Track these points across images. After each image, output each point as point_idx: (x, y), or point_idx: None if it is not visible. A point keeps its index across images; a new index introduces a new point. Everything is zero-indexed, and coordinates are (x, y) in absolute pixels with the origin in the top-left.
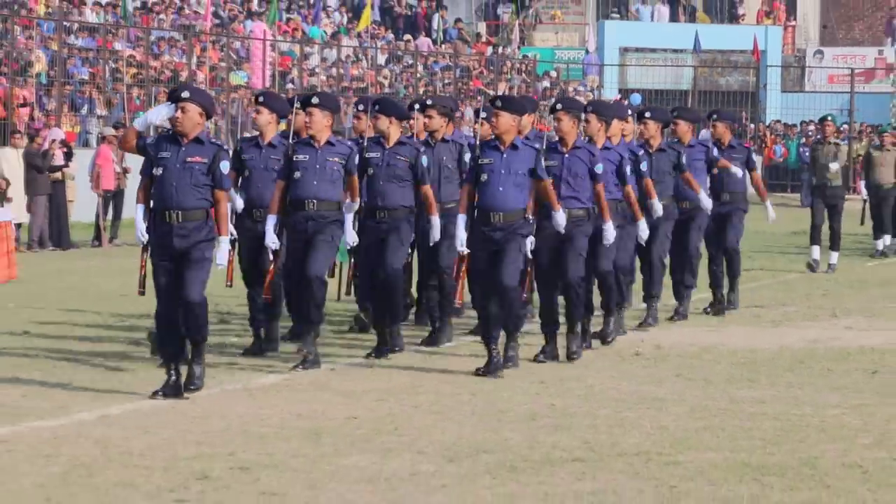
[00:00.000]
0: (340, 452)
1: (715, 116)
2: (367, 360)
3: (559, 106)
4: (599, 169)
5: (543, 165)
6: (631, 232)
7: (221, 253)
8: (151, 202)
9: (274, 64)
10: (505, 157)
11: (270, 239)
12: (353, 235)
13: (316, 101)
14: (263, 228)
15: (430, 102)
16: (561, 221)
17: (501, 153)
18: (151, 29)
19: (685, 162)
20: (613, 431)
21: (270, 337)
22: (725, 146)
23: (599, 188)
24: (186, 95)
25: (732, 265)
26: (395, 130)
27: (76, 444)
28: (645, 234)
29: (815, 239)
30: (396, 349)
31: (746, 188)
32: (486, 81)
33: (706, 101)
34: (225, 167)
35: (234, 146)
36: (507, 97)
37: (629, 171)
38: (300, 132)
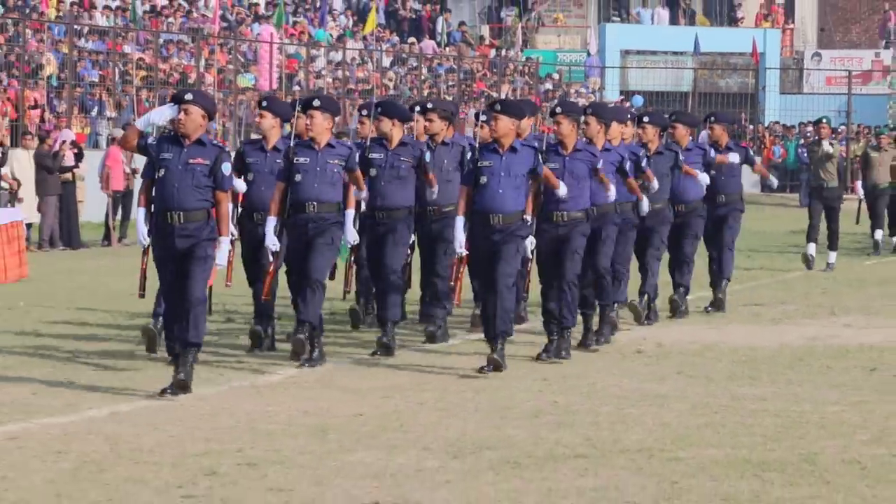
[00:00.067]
0: (346, 449)
1: (713, 119)
2: (372, 357)
3: (559, 109)
4: (600, 164)
5: (542, 162)
6: (629, 237)
7: (221, 253)
8: (153, 205)
9: (281, 66)
10: (504, 159)
11: (270, 241)
12: (353, 234)
13: (317, 103)
14: (262, 231)
15: (430, 106)
16: (563, 192)
17: (500, 156)
18: (160, 32)
19: (682, 162)
20: (616, 428)
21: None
22: (723, 148)
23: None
24: (189, 97)
25: (724, 265)
26: (397, 132)
27: (86, 440)
28: (646, 209)
29: (811, 237)
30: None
31: (742, 189)
32: (489, 84)
33: (706, 102)
34: (226, 169)
35: (238, 148)
36: (506, 101)
37: (629, 167)
38: (302, 135)
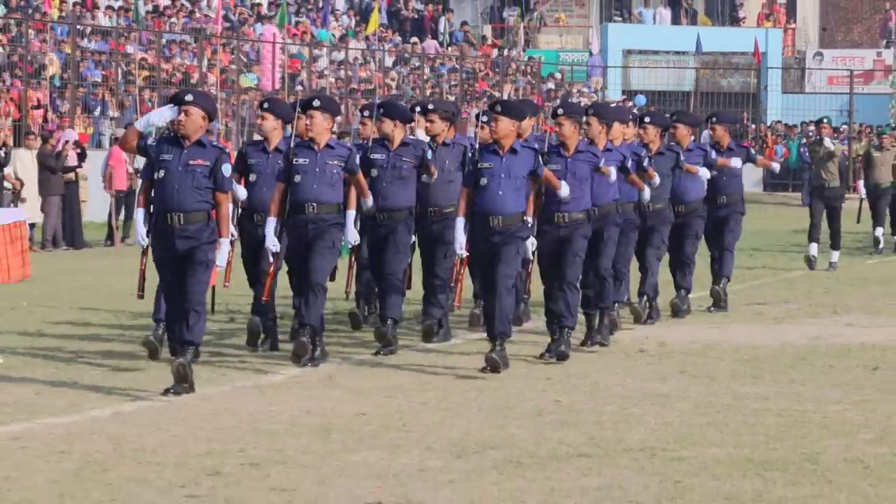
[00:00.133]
0: (349, 448)
1: (714, 119)
2: (374, 356)
3: (560, 111)
4: (602, 162)
5: (542, 164)
6: (631, 237)
7: (221, 254)
8: (152, 206)
9: (283, 66)
10: (504, 161)
11: (271, 241)
12: (354, 234)
13: (316, 103)
14: (262, 232)
15: (431, 107)
16: (566, 193)
17: (500, 157)
18: (163, 32)
19: (683, 163)
20: (619, 427)
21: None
22: (725, 149)
23: (605, 170)
24: (190, 99)
25: (724, 266)
26: (399, 133)
27: (89, 440)
28: (648, 196)
29: (813, 237)
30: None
31: (743, 190)
32: (491, 83)
33: (708, 102)
34: (227, 170)
35: (239, 148)
36: (506, 102)
37: (631, 166)
38: (303, 136)
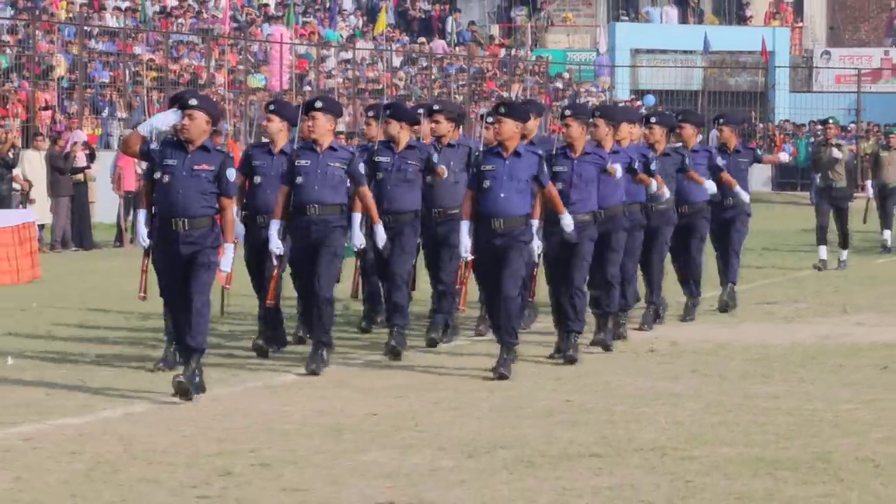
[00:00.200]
0: (361, 448)
1: (722, 120)
2: (385, 357)
3: (568, 112)
4: (609, 165)
5: (546, 172)
6: (637, 237)
7: (226, 260)
8: (156, 210)
9: (292, 67)
10: (507, 163)
11: (274, 244)
12: (360, 238)
13: (319, 105)
14: (265, 234)
15: (437, 107)
16: (569, 224)
17: (504, 160)
18: (170, 33)
19: (689, 164)
20: (630, 427)
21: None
22: (732, 150)
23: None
24: (194, 103)
25: (729, 270)
26: (405, 135)
27: (100, 441)
28: (655, 189)
29: (821, 240)
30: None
31: (749, 191)
32: (499, 83)
33: (716, 101)
34: (231, 175)
35: (244, 151)
36: (510, 103)
37: (639, 167)
38: (306, 137)
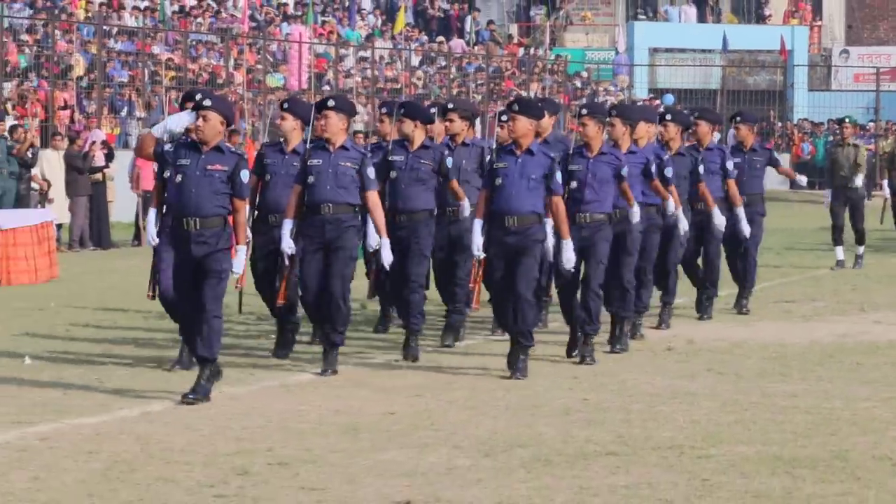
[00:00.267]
0: (378, 447)
1: (738, 118)
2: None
3: (584, 111)
4: (625, 172)
5: (558, 178)
6: (654, 238)
7: (238, 261)
8: (168, 210)
9: (310, 66)
10: (520, 161)
11: (286, 244)
12: (376, 238)
13: (331, 104)
14: (278, 233)
15: (451, 106)
16: (569, 255)
17: (516, 157)
18: (189, 32)
19: (702, 168)
20: (647, 425)
21: (284, 342)
22: (748, 149)
23: (625, 186)
24: (208, 104)
25: (748, 275)
26: (419, 134)
27: (117, 440)
28: (681, 224)
29: (837, 240)
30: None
31: (764, 191)
32: (518, 82)
33: (735, 100)
34: (245, 176)
35: (258, 150)
36: (524, 101)
37: (655, 170)
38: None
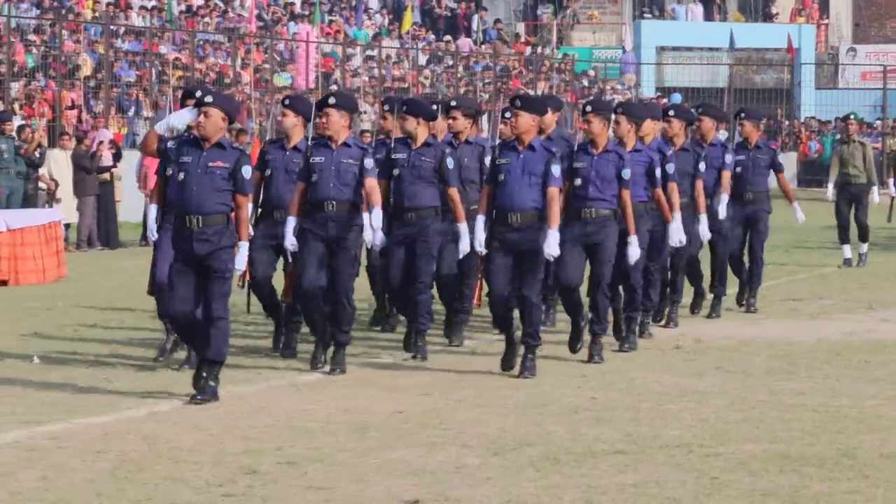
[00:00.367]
0: (386, 446)
1: (743, 115)
2: (412, 359)
3: (589, 108)
4: (626, 174)
5: (555, 171)
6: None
7: (240, 258)
8: (171, 207)
9: (318, 65)
10: (521, 157)
11: (290, 241)
12: (381, 236)
13: (332, 101)
14: (282, 230)
15: (454, 104)
16: (553, 244)
17: (518, 153)
18: (196, 32)
19: (703, 165)
20: (655, 424)
21: (288, 343)
22: (752, 146)
23: (625, 194)
24: (210, 100)
25: (755, 275)
26: (422, 131)
27: (125, 440)
28: (676, 236)
29: (844, 239)
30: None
31: (769, 188)
32: (525, 81)
33: (742, 98)
34: (247, 172)
35: (261, 148)
36: (526, 97)
37: (659, 173)
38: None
